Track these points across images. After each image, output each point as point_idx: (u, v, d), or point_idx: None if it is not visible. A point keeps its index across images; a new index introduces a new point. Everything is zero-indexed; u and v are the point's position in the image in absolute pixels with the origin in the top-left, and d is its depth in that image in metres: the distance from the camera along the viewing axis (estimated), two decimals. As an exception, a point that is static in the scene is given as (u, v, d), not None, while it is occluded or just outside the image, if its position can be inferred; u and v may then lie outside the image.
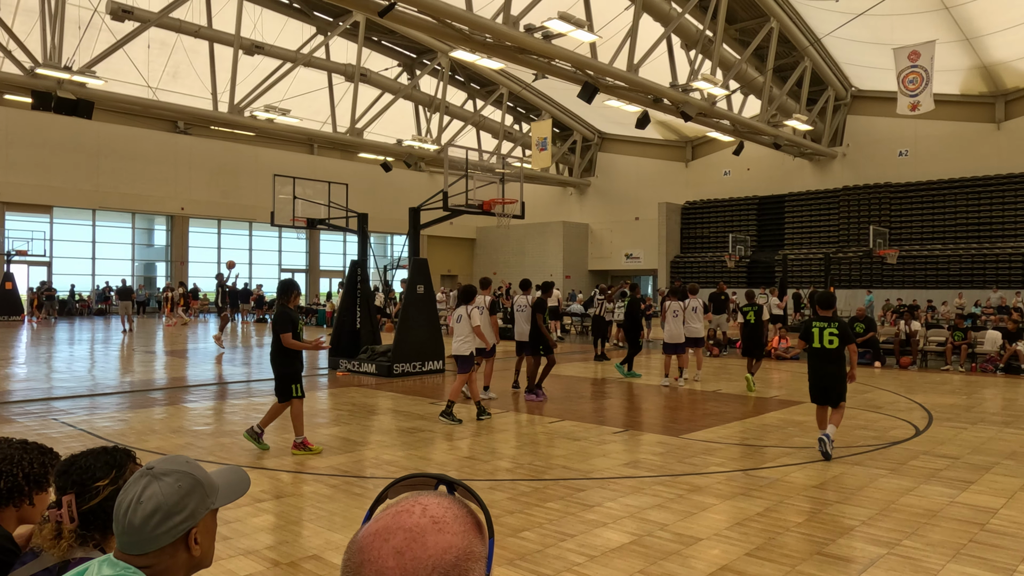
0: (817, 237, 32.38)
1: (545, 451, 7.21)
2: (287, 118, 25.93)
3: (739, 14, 25.69)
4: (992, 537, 4.73)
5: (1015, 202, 27.70)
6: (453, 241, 42.26)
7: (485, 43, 19.37)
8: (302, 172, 25.90)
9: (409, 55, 32.21)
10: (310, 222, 15.28)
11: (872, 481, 6.08)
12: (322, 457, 6.88)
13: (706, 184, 36.57)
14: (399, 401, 10.32)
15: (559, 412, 9.46)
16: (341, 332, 14.04)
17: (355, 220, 14.65)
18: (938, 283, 28.12)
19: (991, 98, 28.31)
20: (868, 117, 31.21)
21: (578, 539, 4.68)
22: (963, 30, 24.09)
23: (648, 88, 22.02)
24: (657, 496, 5.63)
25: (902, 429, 8.32)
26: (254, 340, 21.27)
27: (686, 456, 7.00)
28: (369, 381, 12.30)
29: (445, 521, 0.81)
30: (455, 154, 12.80)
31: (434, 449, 7.29)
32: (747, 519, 5.08)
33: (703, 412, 9.53)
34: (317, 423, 8.60)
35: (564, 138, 39.50)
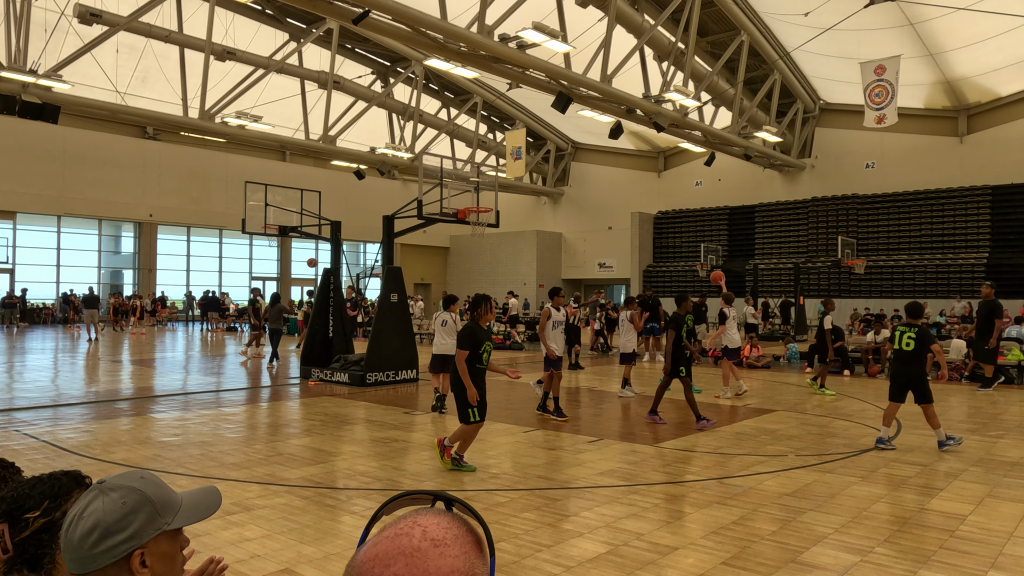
0: (787, 247, 32.84)
1: (520, 461, 7.18)
2: (259, 124, 25.69)
3: (710, 27, 26.06)
4: (961, 543, 4.80)
5: (977, 214, 28.37)
6: (426, 250, 42.14)
7: (460, 52, 19.39)
8: (274, 179, 25.68)
9: (383, 63, 32.13)
10: (282, 230, 15.12)
11: (844, 489, 6.14)
12: (293, 468, 6.78)
13: (678, 194, 36.94)
14: (372, 411, 10.21)
15: (532, 421, 9.44)
16: (313, 341, 13.88)
17: (328, 228, 14.52)
18: (904, 293, 28.66)
19: (954, 112, 29.01)
20: (836, 129, 31.80)
21: (554, 549, 4.65)
22: (927, 46, 24.68)
23: (621, 99, 22.21)
24: (633, 505, 5.63)
25: (872, 437, 8.43)
26: (227, 348, 20.94)
27: (661, 465, 7.02)
28: (342, 391, 12.17)
29: (446, 543, 0.79)
30: (430, 162, 12.76)
31: (408, 459, 7.22)
32: (722, 528, 5.09)
33: (677, 421, 9.57)
34: (288, 433, 8.48)
35: (538, 147, 39.66)
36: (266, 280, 37.33)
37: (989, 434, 8.71)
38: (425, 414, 9.95)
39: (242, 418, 9.51)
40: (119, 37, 23.81)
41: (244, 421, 9.28)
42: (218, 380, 13.56)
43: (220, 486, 6.02)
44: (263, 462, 7.01)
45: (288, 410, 10.35)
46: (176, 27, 24.55)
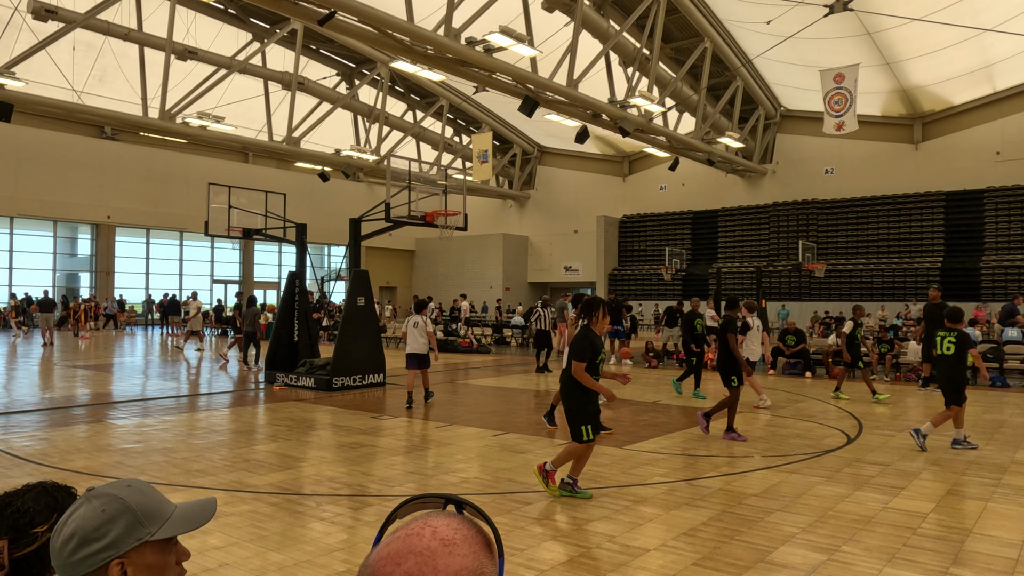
0: (749, 251, 33.37)
1: (490, 465, 7.16)
2: (221, 125, 25.28)
3: (675, 34, 26.40)
4: (924, 541, 4.92)
5: (932, 219, 29.17)
6: (392, 253, 41.88)
7: (426, 54, 19.33)
8: (236, 181, 25.29)
9: (348, 64, 31.89)
10: (246, 232, 14.89)
11: (809, 489, 6.25)
12: (260, 474, 6.67)
13: (643, 198, 37.30)
14: (339, 416, 10.10)
15: (503, 424, 9.43)
16: (278, 345, 13.69)
17: (293, 230, 14.34)
18: (862, 295, 29.32)
19: (910, 120, 29.80)
20: (796, 136, 32.43)
21: (526, 553, 4.65)
22: (884, 55, 25.33)
23: (587, 103, 22.36)
24: (603, 508, 5.66)
25: (835, 437, 8.60)
26: (187, 353, 20.53)
27: (630, 467, 7.06)
28: (307, 395, 12.03)
29: (455, 543, 0.81)
30: (397, 165, 12.69)
31: (377, 464, 7.15)
32: (692, 529, 5.14)
33: (644, 423, 9.65)
34: (254, 439, 8.34)
35: (504, 151, 39.72)
36: (228, 283, 36.73)
37: (946, 434, 8.94)
38: (394, 419, 9.88)
39: (206, 424, 9.33)
40: (76, 34, 23.25)
41: (208, 427, 9.11)
42: (179, 385, 13.30)
43: (185, 494, 5.90)
44: (228, 469, 6.88)
45: (253, 415, 10.19)
46: (135, 25, 24.04)
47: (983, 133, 28.40)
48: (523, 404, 11.42)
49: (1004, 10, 21.52)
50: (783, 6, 22.01)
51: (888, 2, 21.46)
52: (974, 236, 28.37)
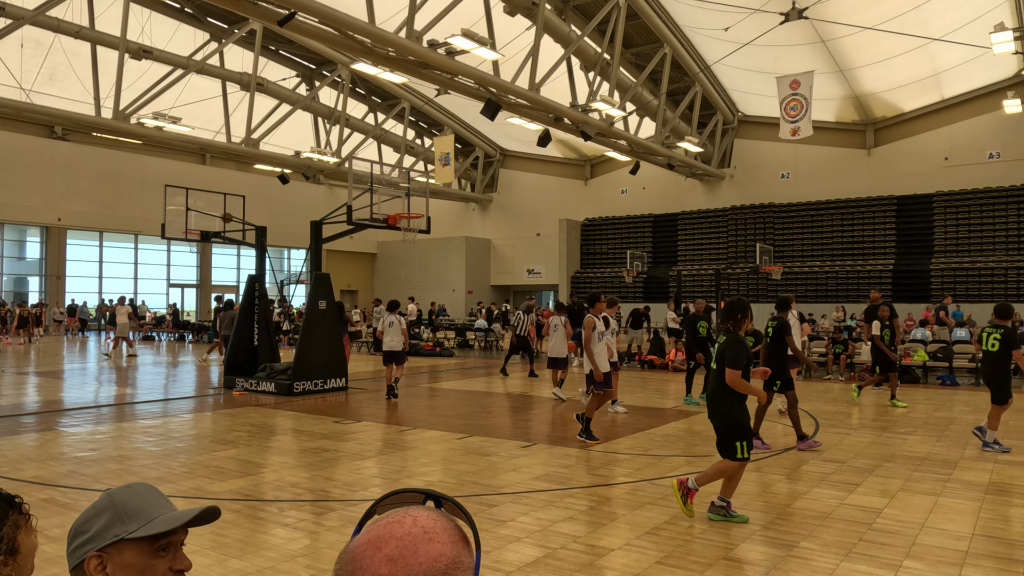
0: (708, 253, 33.86)
1: (455, 468, 7.15)
2: (177, 126, 24.78)
3: (635, 39, 26.69)
4: (879, 535, 5.05)
5: (884, 222, 29.96)
6: (354, 256, 41.51)
7: (387, 57, 19.22)
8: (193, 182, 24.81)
9: (308, 65, 31.55)
10: (204, 235, 14.62)
11: (769, 487, 6.38)
12: (220, 481, 6.56)
13: (605, 202, 37.60)
14: (300, 420, 9.99)
15: (467, 427, 9.42)
16: (238, 350, 13.47)
17: (252, 233, 14.13)
18: (818, 297, 29.96)
19: (862, 126, 30.58)
20: (753, 141, 33.03)
21: (492, 555, 4.66)
22: (838, 62, 25.96)
23: (549, 107, 22.47)
24: (568, 509, 5.69)
25: (793, 436, 8.77)
26: (141, 359, 20.07)
27: (594, 468, 7.12)
28: (268, 400, 11.85)
29: (435, 532, 0.82)
30: (359, 168, 12.60)
31: (340, 469, 7.09)
32: (656, 528, 5.21)
33: (608, 424, 9.73)
34: (214, 445, 8.20)
35: (467, 154, 39.69)
36: (185, 287, 36.02)
37: (897, 431, 9.20)
38: (356, 423, 9.80)
39: (163, 430, 9.14)
40: (24, 31, 22.59)
41: (166, 433, 8.92)
42: (136, 391, 12.99)
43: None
44: (187, 475, 6.75)
45: (212, 421, 10.00)
46: (87, 23, 23.46)
47: (932, 139, 29.27)
48: (487, 407, 11.42)
49: (950, 20, 22.24)
50: (740, 13, 22.42)
51: (841, 11, 22.01)
52: (924, 239, 29.21)
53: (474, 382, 14.92)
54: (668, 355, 17.12)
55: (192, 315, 34.96)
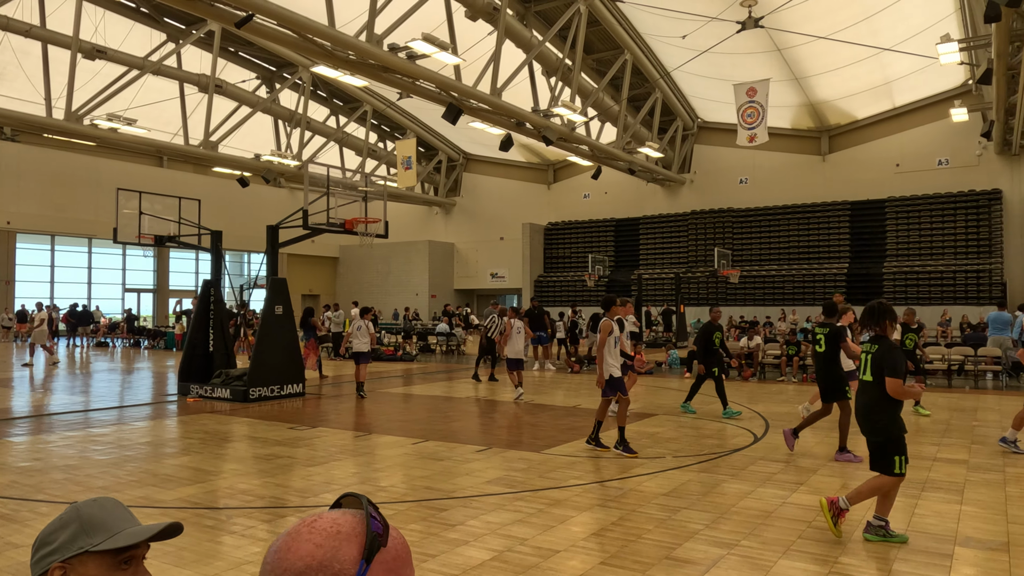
0: (669, 257, 34.30)
1: (408, 473, 7.16)
2: (133, 128, 24.33)
3: (596, 45, 26.95)
4: (817, 533, 5.20)
5: (838, 227, 30.68)
6: (315, 260, 41.13)
7: (348, 60, 19.14)
8: (150, 186, 24.39)
9: (268, 68, 31.21)
10: (158, 239, 14.39)
11: (715, 487, 6.51)
12: (169, 489, 6.47)
13: (567, 206, 37.85)
14: (255, 427, 9.89)
15: (423, 432, 9.43)
16: (192, 356, 13.28)
17: (208, 238, 13.95)
18: (775, 300, 30.55)
19: (817, 133, 31.29)
20: (713, 147, 33.57)
21: (440, 559, 4.69)
22: (793, 71, 26.55)
23: (511, 112, 22.57)
24: (518, 512, 5.75)
25: (743, 437, 8.96)
26: (95, 366, 19.64)
27: (547, 471, 7.19)
28: (223, 407, 11.71)
29: (319, 532, 0.85)
30: (316, 171, 12.53)
31: (293, 475, 7.05)
32: (603, 529, 5.29)
33: (564, 427, 9.82)
34: (164, 453, 8.08)
35: (429, 157, 39.62)
36: (141, 292, 35.31)
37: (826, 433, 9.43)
38: (312, 429, 9.74)
39: (113, 439, 8.97)
40: (-28, 30, 21.99)
41: (115, 442, 8.76)
42: (87, 399, 12.72)
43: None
44: (135, 484, 6.65)
45: (164, 429, 9.86)
46: (38, 21, 22.91)
47: (884, 146, 30.08)
48: (445, 412, 11.43)
49: (901, 31, 22.90)
50: (698, 21, 22.80)
51: (796, 20, 22.51)
52: (876, 243, 29.98)
53: (434, 387, 14.91)
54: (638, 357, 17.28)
55: (149, 320, 34.29)
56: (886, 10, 22.17)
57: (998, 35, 16.46)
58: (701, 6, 22.10)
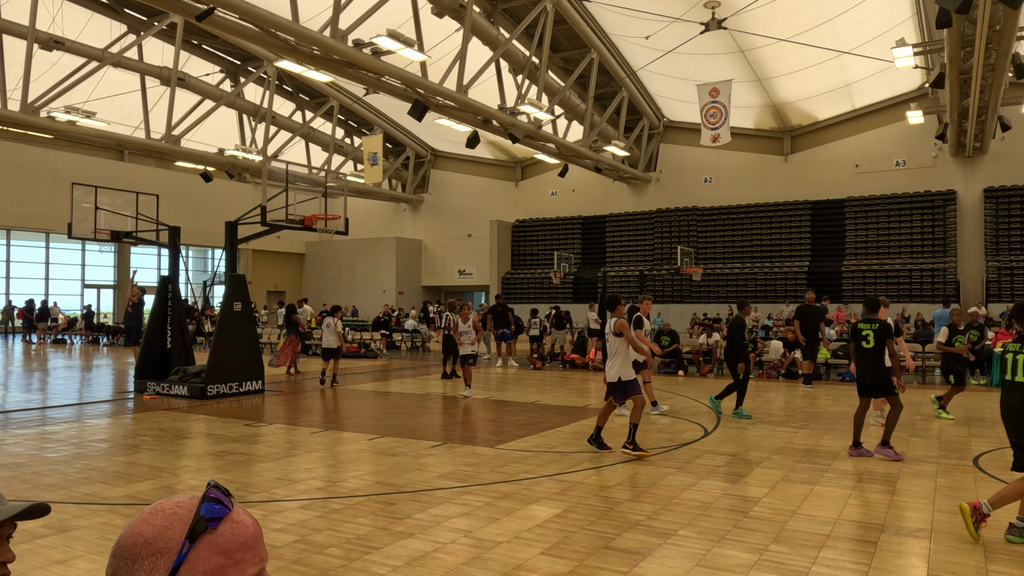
0: (635, 255, 34.64)
1: (361, 468, 7.22)
2: (92, 121, 23.90)
3: (563, 44, 27.10)
4: (752, 522, 5.38)
5: (800, 226, 31.25)
6: (280, 256, 40.78)
7: (312, 55, 19.02)
8: (111, 180, 24.02)
9: (233, 61, 30.84)
10: (115, 235, 14.21)
11: (660, 479, 6.68)
12: (118, 486, 6.46)
13: (535, 203, 38.01)
14: (212, 424, 9.86)
15: (380, 429, 9.48)
16: (150, 352, 13.15)
17: (166, 233, 13.81)
18: (738, 297, 30.98)
19: (779, 133, 31.82)
20: (678, 146, 33.96)
21: (384, 551, 4.77)
22: (756, 72, 26.96)
23: (477, 109, 22.62)
24: (465, 505, 5.85)
25: (693, 431, 9.16)
26: (52, 363, 19.31)
27: (498, 466, 7.30)
28: (180, 404, 11.63)
29: (159, 513, 0.91)
30: (276, 166, 12.48)
31: (245, 472, 7.07)
32: (546, 521, 5.41)
33: (520, 423, 9.94)
34: (116, 450, 8.04)
35: (397, 154, 39.49)
36: (101, 288, 34.71)
37: (792, 425, 9.71)
38: (269, 425, 9.74)
39: (65, 436, 8.89)
40: (-77, 18, 21.43)
41: (67, 439, 8.69)
42: (42, 396, 12.53)
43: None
44: (84, 481, 6.63)
45: (119, 426, 9.78)
46: (-7, 11, 22.39)
47: (844, 147, 30.70)
48: (403, 409, 11.49)
49: (860, 34, 23.39)
50: (662, 21, 23.06)
51: (758, 22, 22.88)
52: (836, 242, 30.60)
53: (395, 384, 14.95)
54: (588, 354, 17.51)
55: (109, 317, 33.73)
56: (846, 14, 22.64)
57: (950, 40, 16.94)
58: (665, 7, 22.35)
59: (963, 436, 8.80)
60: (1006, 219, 27.75)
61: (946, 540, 4.96)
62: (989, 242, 27.91)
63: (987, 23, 15.49)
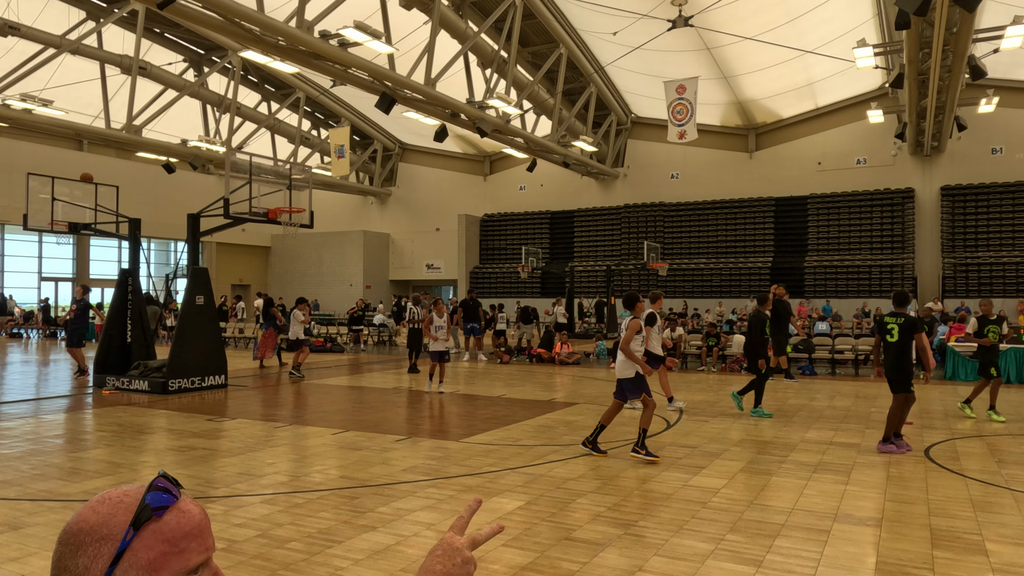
0: (602, 250, 34.86)
1: (325, 463, 7.20)
2: (49, 110, 23.32)
3: (532, 38, 27.12)
4: (711, 513, 5.49)
5: (764, 222, 31.72)
6: (246, 249, 40.22)
7: (278, 46, 18.78)
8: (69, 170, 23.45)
9: (196, 51, 30.30)
10: (73, 226, 13.90)
11: (623, 472, 6.77)
12: (76, 482, 6.36)
13: (503, 198, 38.02)
14: (174, 419, 9.73)
15: (345, 423, 9.45)
16: (109, 347, 12.92)
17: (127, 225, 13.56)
18: (703, 293, 31.42)
19: (744, 130, 32.24)
20: (645, 142, 34.22)
21: (345, 545, 4.78)
22: (722, 69, 27.27)
23: (445, 103, 22.55)
24: (429, 498, 5.87)
25: (657, 424, 9.29)
26: (8, 357, 18.84)
27: (463, 459, 7.33)
28: (141, 399, 11.45)
29: (106, 501, 0.93)
30: (240, 158, 12.32)
31: (208, 467, 7.00)
32: (509, 513, 5.46)
33: (486, 416, 9.98)
34: (75, 446, 7.90)
35: (364, 146, 39.18)
36: (59, 281, 33.91)
37: (752, 418, 9.89)
38: (232, 420, 9.64)
39: (20, 432, 8.71)
40: None
41: (23, 436, 8.51)
42: (-6, 392, 12.24)
43: (-17, 505, 5.55)
44: (39, 478, 6.51)
45: (77, 421, 9.60)
46: (-55, -5, 21.70)
47: (807, 145, 31.23)
48: (369, 403, 11.45)
49: (823, 34, 23.79)
50: (630, 18, 23.21)
51: (724, 20, 23.13)
52: (799, 238, 31.14)
53: (361, 378, 14.88)
54: (554, 349, 17.61)
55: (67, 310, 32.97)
56: (809, 13, 23.00)
57: (909, 41, 17.32)
58: (633, 3, 22.49)
59: (915, 428, 9.05)
60: (961, 217, 28.49)
61: (896, 528, 5.12)
62: (945, 239, 28.63)
63: (944, 25, 15.87)
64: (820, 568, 4.37)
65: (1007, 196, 27.73)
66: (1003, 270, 27.13)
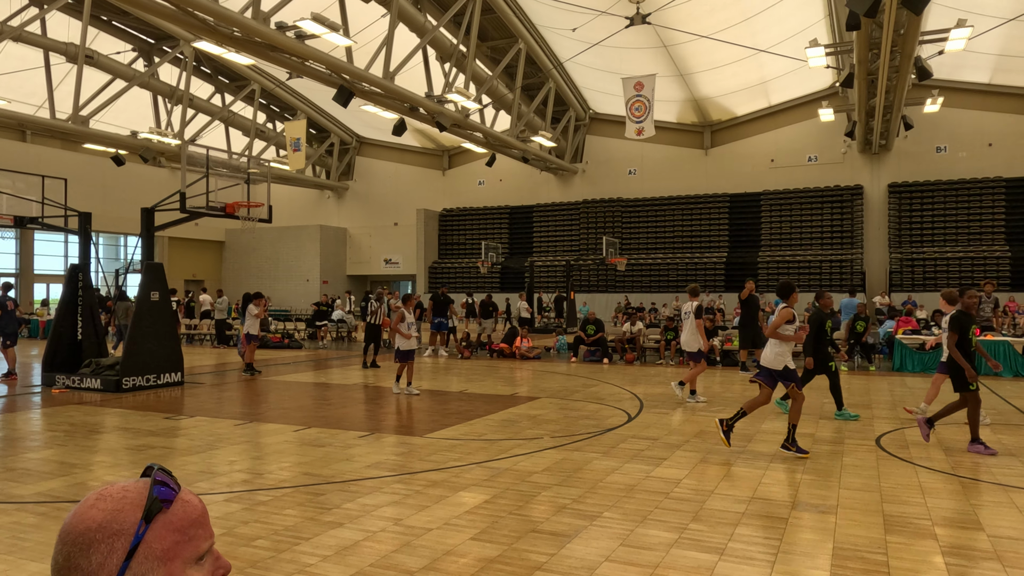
0: (561, 245, 35.09)
1: (287, 460, 7.13)
2: (-10, 99, 22.47)
3: (491, 33, 27.10)
4: (673, 503, 5.61)
5: (719, 218, 32.30)
6: (199, 243, 39.41)
7: (232, 37, 18.41)
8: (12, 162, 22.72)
9: (147, 40, 29.52)
10: (18, 220, 13.45)
11: (586, 464, 6.86)
12: (27, 484, 6.18)
13: (462, 193, 37.96)
14: (128, 418, 9.51)
15: (306, 419, 9.36)
16: (59, 344, 12.55)
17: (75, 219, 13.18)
18: (660, 288, 31.87)
19: (700, 128, 32.75)
20: (604, 138, 34.52)
21: (313, 541, 4.76)
22: (678, 67, 27.64)
23: (404, 97, 22.40)
24: (394, 494, 5.87)
25: (618, 417, 9.42)
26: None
27: (427, 454, 7.34)
28: (93, 398, 11.16)
29: (107, 498, 0.94)
30: (196, 151, 12.07)
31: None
32: (475, 507, 5.50)
33: (449, 412, 9.99)
34: (24, 447, 7.67)
35: (321, 140, 38.69)
36: (2, 277, 32.71)
37: (712, 409, 10.10)
38: (190, 418, 9.47)
39: (-35, 433, 8.41)
40: None
41: (-33, 436, 8.22)
42: (-65, 392, 11.79)
43: (-69, 509, 5.36)
44: (-11, 480, 6.31)
45: (26, 421, 9.32)
46: None
47: (760, 142, 31.88)
48: (329, 399, 11.36)
49: (776, 33, 24.29)
50: (589, 14, 23.36)
51: (680, 18, 23.45)
52: (753, 233, 31.80)
53: (321, 374, 14.74)
54: (515, 343, 17.69)
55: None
56: (763, 13, 23.45)
57: (859, 42, 17.81)
58: (591, 0, 22.63)
59: (865, 419, 9.35)
60: (908, 213, 29.42)
61: (850, 515, 5.31)
62: (892, 235, 29.54)
63: (893, 27, 16.36)
64: (780, 554, 4.50)
65: (951, 193, 28.73)
66: (947, 264, 28.12)
